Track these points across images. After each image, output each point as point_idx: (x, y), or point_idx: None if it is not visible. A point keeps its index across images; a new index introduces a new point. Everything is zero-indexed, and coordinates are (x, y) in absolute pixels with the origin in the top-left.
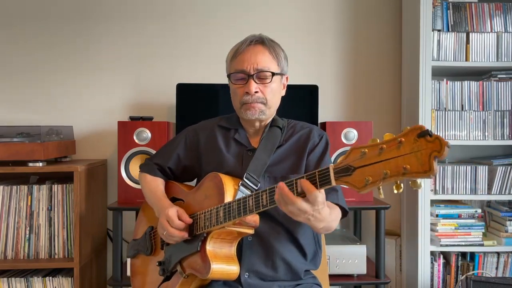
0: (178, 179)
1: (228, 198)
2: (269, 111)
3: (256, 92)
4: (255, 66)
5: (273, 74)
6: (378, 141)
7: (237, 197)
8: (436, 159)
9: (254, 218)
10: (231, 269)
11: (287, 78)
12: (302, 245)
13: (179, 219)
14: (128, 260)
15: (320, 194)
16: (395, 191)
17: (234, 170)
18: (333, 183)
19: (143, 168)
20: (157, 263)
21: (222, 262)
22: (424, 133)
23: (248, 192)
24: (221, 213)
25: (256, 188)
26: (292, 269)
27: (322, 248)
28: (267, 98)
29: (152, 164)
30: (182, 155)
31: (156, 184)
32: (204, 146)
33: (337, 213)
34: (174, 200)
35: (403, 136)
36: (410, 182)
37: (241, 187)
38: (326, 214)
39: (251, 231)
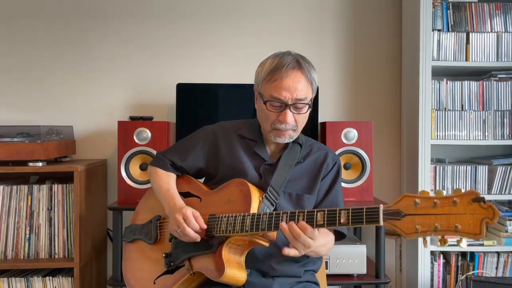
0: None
1: (254, 208)
2: (297, 135)
3: (290, 121)
4: (294, 95)
5: (309, 106)
6: (430, 194)
7: (261, 209)
8: (486, 225)
9: (273, 233)
10: (241, 276)
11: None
12: None
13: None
14: (123, 243)
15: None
16: (439, 244)
17: (252, 182)
18: (381, 223)
19: (155, 163)
20: (163, 255)
21: (234, 267)
22: (479, 199)
23: (269, 205)
24: (248, 221)
25: (277, 201)
26: (293, 267)
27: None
28: (298, 126)
29: (165, 160)
30: (199, 157)
31: (168, 180)
32: (223, 151)
33: (331, 242)
34: (189, 195)
35: (458, 197)
36: (457, 240)
37: (265, 200)
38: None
39: (267, 244)
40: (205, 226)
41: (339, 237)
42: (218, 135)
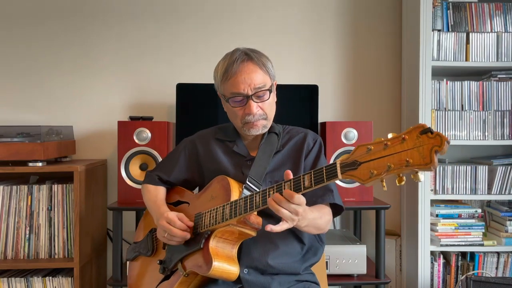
0: None
1: (234, 198)
2: (269, 123)
3: (256, 111)
4: (252, 86)
5: (270, 91)
6: (383, 139)
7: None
8: (437, 153)
9: (257, 220)
10: (232, 269)
11: (275, 83)
12: (301, 238)
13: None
14: (128, 263)
15: (302, 197)
16: (397, 184)
17: (235, 179)
18: (340, 176)
19: (145, 180)
20: (158, 262)
21: (224, 261)
22: (426, 131)
23: None
24: (227, 210)
25: (258, 190)
26: (290, 262)
27: (324, 242)
28: (267, 113)
29: (153, 175)
30: (182, 169)
31: (156, 193)
32: (204, 158)
33: (327, 215)
34: (179, 203)
35: (407, 134)
36: (412, 175)
37: (245, 190)
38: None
39: (254, 233)
40: (191, 224)
41: (338, 212)
42: (197, 144)
